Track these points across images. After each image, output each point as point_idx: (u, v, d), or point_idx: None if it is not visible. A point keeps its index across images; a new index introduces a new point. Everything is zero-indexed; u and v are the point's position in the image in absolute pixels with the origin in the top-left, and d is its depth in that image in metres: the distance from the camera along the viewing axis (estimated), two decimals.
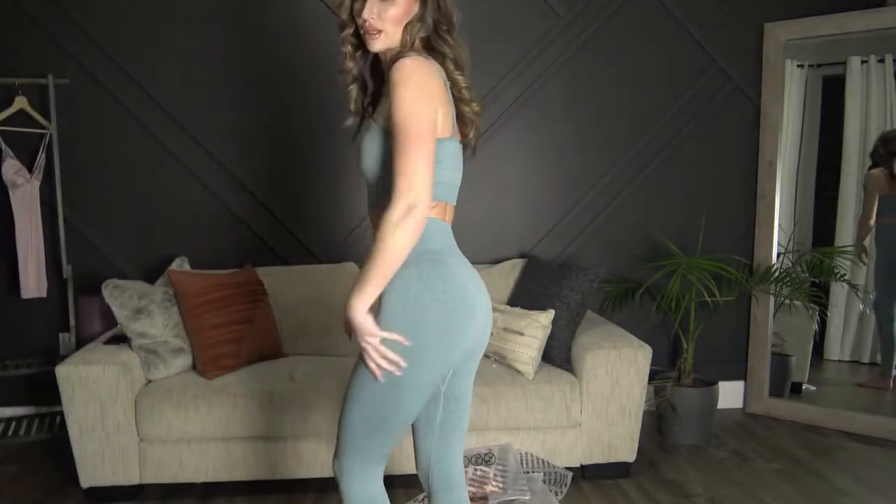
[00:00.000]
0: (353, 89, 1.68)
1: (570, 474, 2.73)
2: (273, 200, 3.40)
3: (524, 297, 3.07)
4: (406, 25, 1.59)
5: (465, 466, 2.67)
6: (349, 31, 1.62)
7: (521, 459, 2.73)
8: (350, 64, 1.65)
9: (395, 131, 1.47)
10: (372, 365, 1.51)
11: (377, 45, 1.57)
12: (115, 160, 3.32)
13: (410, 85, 1.48)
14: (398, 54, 1.56)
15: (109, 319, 3.13)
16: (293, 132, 3.34)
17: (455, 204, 1.67)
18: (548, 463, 2.75)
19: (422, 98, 1.47)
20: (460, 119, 1.67)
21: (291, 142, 3.34)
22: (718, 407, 3.29)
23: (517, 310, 2.95)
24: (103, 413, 2.57)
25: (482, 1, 3.37)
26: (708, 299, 3.19)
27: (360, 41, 1.63)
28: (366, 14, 1.54)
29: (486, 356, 2.99)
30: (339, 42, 1.65)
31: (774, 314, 3.53)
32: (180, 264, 3.15)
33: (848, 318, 3.58)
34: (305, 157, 3.39)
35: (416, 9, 1.58)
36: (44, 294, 3.22)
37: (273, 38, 3.29)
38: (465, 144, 1.71)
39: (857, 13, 3.25)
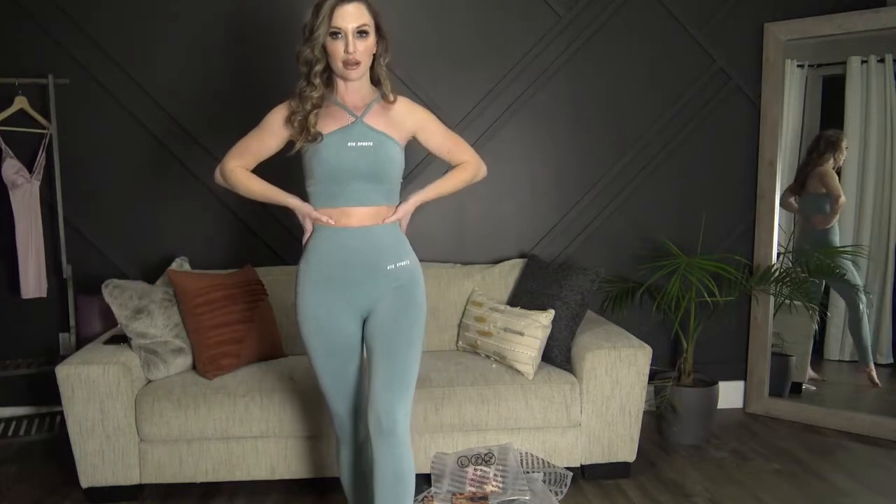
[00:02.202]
0: (316, 114, 1.96)
1: (570, 474, 2.73)
2: None
3: (524, 297, 3.07)
4: (378, 59, 1.97)
5: (465, 466, 2.67)
6: (320, 66, 1.93)
7: (521, 459, 2.73)
8: (316, 94, 1.94)
9: (445, 134, 2.15)
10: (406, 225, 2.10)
11: (355, 74, 1.93)
12: (116, 160, 3.32)
13: (428, 111, 2.12)
14: (383, 87, 2.00)
15: (109, 319, 3.14)
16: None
17: None
18: (548, 463, 2.76)
19: None
20: None
21: (292, 141, 3.33)
22: (718, 407, 3.29)
23: (517, 310, 2.95)
24: (103, 413, 2.57)
25: (482, 1, 3.37)
26: (708, 299, 3.19)
27: (326, 74, 1.96)
28: (351, 49, 1.87)
29: (486, 356, 3.00)
30: (308, 75, 1.94)
31: (774, 314, 3.53)
32: (180, 264, 3.15)
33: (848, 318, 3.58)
34: None
35: (375, 42, 1.94)
36: (44, 294, 3.22)
37: (274, 38, 3.29)
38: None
39: (857, 13, 3.25)
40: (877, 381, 3.47)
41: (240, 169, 2.11)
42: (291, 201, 2.06)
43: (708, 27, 3.48)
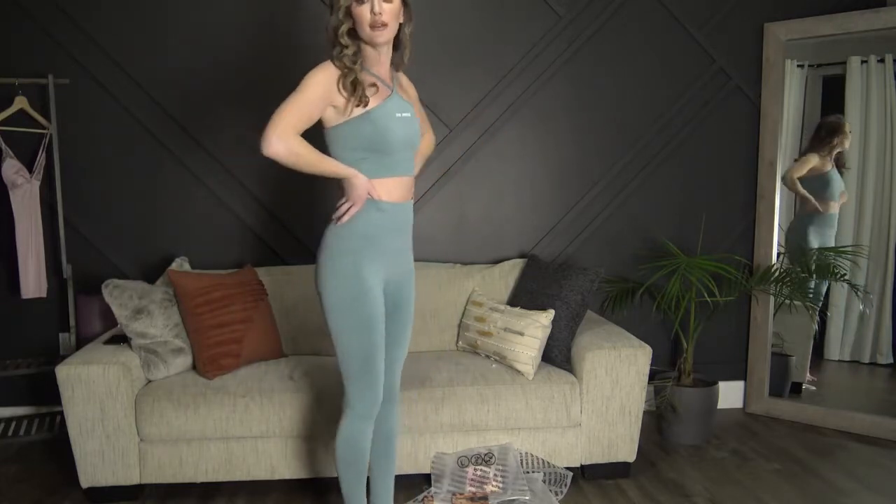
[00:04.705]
0: (361, 71, 1.99)
1: (570, 474, 2.73)
2: (273, 200, 3.40)
3: (524, 297, 3.07)
4: (403, 26, 2.02)
5: (465, 466, 2.67)
6: (346, 26, 1.94)
7: (521, 459, 2.73)
8: (350, 51, 1.95)
9: (419, 105, 2.25)
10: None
11: (383, 37, 1.95)
12: (115, 160, 3.32)
13: None
14: (404, 52, 2.09)
15: (109, 319, 3.14)
16: None
17: None
18: (548, 463, 2.76)
19: None
20: None
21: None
22: (718, 407, 3.30)
23: (517, 310, 2.95)
24: (103, 413, 2.57)
25: (482, 1, 3.37)
26: (708, 299, 3.19)
27: (355, 45, 1.97)
28: (377, 9, 1.90)
29: (486, 356, 3.00)
30: (336, 37, 1.95)
31: (774, 314, 3.53)
32: (180, 264, 3.16)
33: (848, 318, 3.58)
34: None
35: (400, 8, 1.97)
36: (44, 294, 3.22)
37: (273, 37, 3.29)
38: None
39: (857, 13, 3.25)
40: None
41: (304, 143, 1.95)
42: (353, 171, 1.99)
43: (708, 27, 3.48)
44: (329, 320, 2.06)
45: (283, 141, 1.88)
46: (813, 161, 3.47)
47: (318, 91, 1.94)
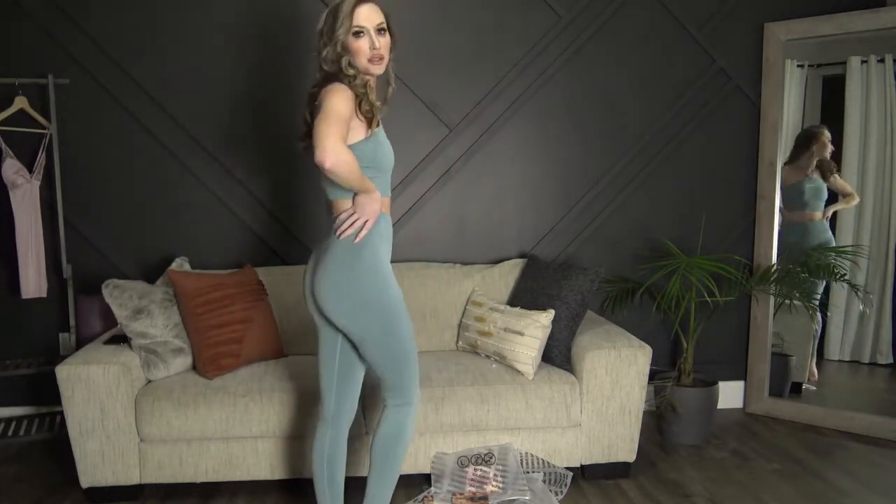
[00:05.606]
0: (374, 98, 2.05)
1: (570, 474, 2.73)
2: (273, 200, 3.40)
3: (524, 297, 3.07)
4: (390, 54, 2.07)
5: (465, 466, 2.67)
6: (347, 58, 2.01)
7: (521, 459, 2.73)
8: (360, 81, 2.01)
9: None
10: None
11: (380, 69, 2.05)
12: (115, 160, 3.32)
13: None
14: (391, 81, 2.14)
15: (109, 319, 3.14)
16: (294, 132, 3.33)
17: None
18: (548, 463, 2.76)
19: None
20: None
21: (292, 141, 3.34)
22: (718, 407, 3.30)
23: (517, 310, 2.95)
24: (103, 413, 2.57)
25: (483, 1, 3.37)
26: (708, 299, 3.19)
27: (353, 68, 2.03)
28: (377, 45, 1.99)
29: (486, 356, 2.99)
30: (342, 68, 1.99)
31: (774, 314, 3.53)
32: (180, 264, 3.16)
33: (848, 318, 3.58)
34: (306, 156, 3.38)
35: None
36: (44, 294, 3.22)
37: (274, 37, 3.29)
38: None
39: (857, 13, 3.25)
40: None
41: (353, 155, 1.96)
42: (374, 186, 2.06)
43: (708, 27, 3.48)
44: (371, 328, 2.06)
45: (339, 152, 1.89)
46: (782, 172, 3.49)
47: (349, 111, 1.96)
